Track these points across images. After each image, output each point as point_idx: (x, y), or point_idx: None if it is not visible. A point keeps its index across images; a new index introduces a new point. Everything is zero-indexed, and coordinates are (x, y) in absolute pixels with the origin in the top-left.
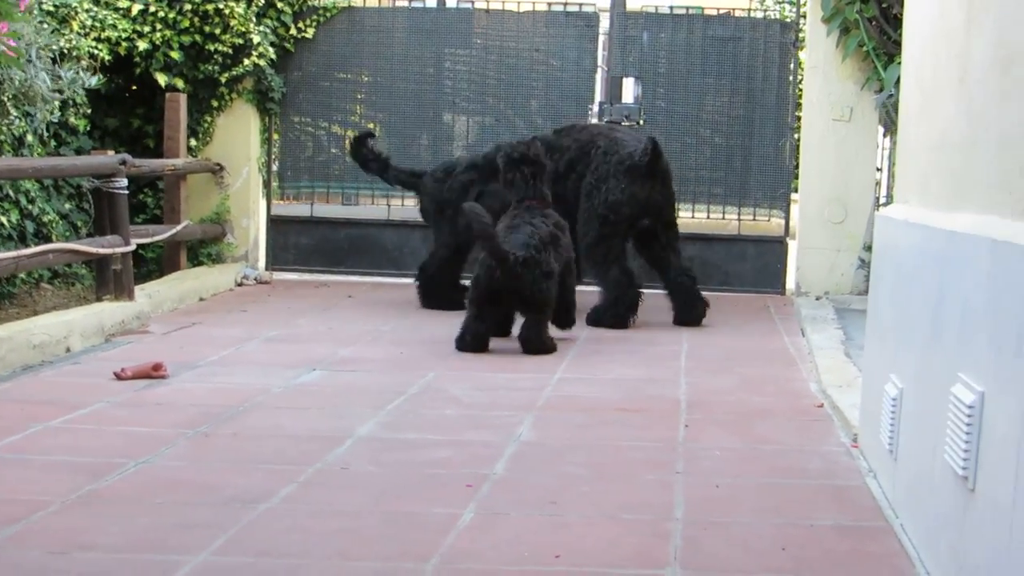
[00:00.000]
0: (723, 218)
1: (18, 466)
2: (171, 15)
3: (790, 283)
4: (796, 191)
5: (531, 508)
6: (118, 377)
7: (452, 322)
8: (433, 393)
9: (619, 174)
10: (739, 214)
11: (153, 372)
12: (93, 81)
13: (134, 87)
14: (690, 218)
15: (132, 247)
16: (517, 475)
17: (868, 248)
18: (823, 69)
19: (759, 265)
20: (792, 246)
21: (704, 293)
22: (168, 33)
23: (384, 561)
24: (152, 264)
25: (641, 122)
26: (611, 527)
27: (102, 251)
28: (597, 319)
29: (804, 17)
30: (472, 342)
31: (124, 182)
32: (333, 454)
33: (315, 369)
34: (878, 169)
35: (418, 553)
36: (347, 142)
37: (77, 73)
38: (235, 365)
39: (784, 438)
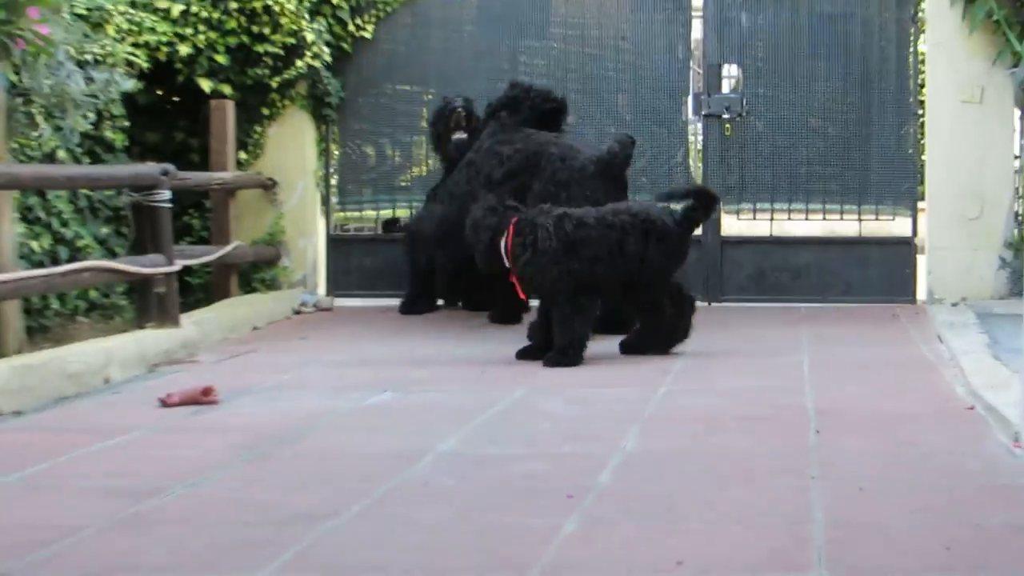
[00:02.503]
0: (841, 219)
1: (51, 492)
2: (215, 15)
3: (921, 290)
4: (923, 185)
5: (644, 516)
6: (163, 403)
7: None
8: (522, 409)
9: (585, 179)
10: (859, 214)
11: (203, 397)
12: (129, 85)
13: (176, 98)
14: (803, 219)
15: (177, 267)
16: (625, 484)
17: (1009, 246)
18: (947, 45)
19: (884, 271)
20: (922, 248)
21: (821, 306)
22: (212, 35)
23: (476, 572)
24: (199, 292)
25: (743, 113)
26: (740, 531)
27: (144, 271)
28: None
29: None
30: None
31: (167, 194)
32: (411, 470)
33: (386, 390)
34: (1016, 156)
35: (516, 563)
36: (414, 149)
37: (111, 76)
38: (295, 389)
39: (933, 441)
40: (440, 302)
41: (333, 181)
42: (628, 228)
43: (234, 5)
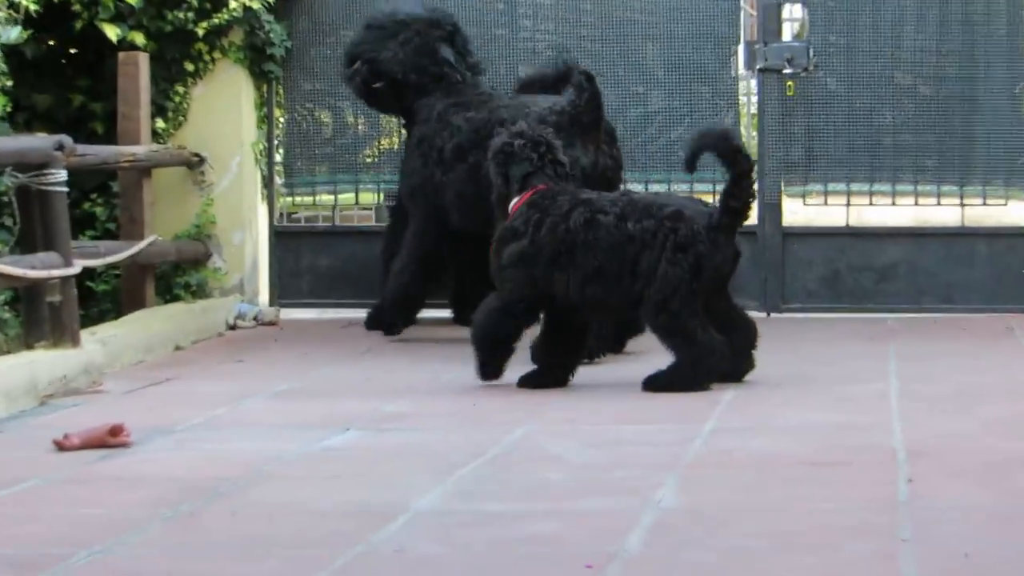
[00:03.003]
0: (937, 203)
1: None
2: None
3: None
4: None
5: None
6: (60, 447)
7: None
8: (525, 453)
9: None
10: (961, 197)
11: (110, 439)
12: (13, 34)
13: (73, 50)
14: (888, 205)
15: (76, 270)
16: (659, 551)
17: None
18: None
19: (995, 271)
20: None
21: (913, 317)
22: None
23: None
24: (106, 301)
25: (810, 67)
26: None
27: (32, 274)
28: None
29: None
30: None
31: (63, 175)
32: (381, 534)
33: (349, 428)
34: None
35: None
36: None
37: None
38: (231, 428)
39: None
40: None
41: (278, 157)
42: (649, 238)
43: None
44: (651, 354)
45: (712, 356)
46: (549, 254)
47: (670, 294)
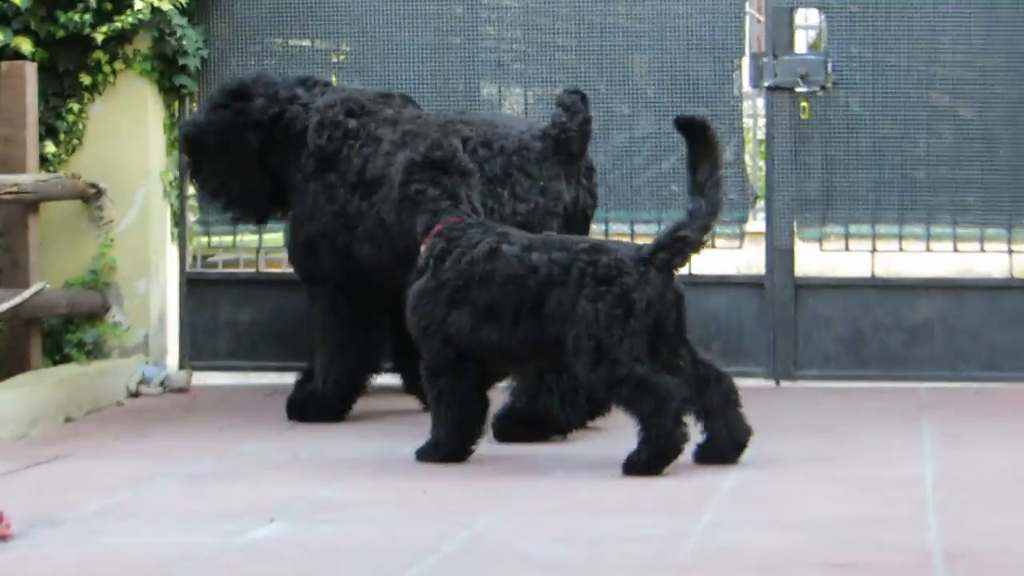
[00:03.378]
0: (981, 250)
1: None
2: None
3: None
4: None
5: None
6: None
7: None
8: (487, 550)
9: (530, 164)
10: (1009, 242)
11: None
12: None
13: None
14: (922, 251)
15: None
16: None
17: None
18: None
19: None
20: None
21: (951, 387)
22: None
23: None
24: None
25: (828, 85)
26: None
27: None
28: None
29: None
30: None
31: None
32: None
33: (274, 519)
34: None
35: None
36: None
37: None
38: (133, 517)
39: None
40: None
41: (191, 188)
42: (559, 272)
43: None
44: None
45: (671, 400)
46: (448, 290)
47: (603, 338)
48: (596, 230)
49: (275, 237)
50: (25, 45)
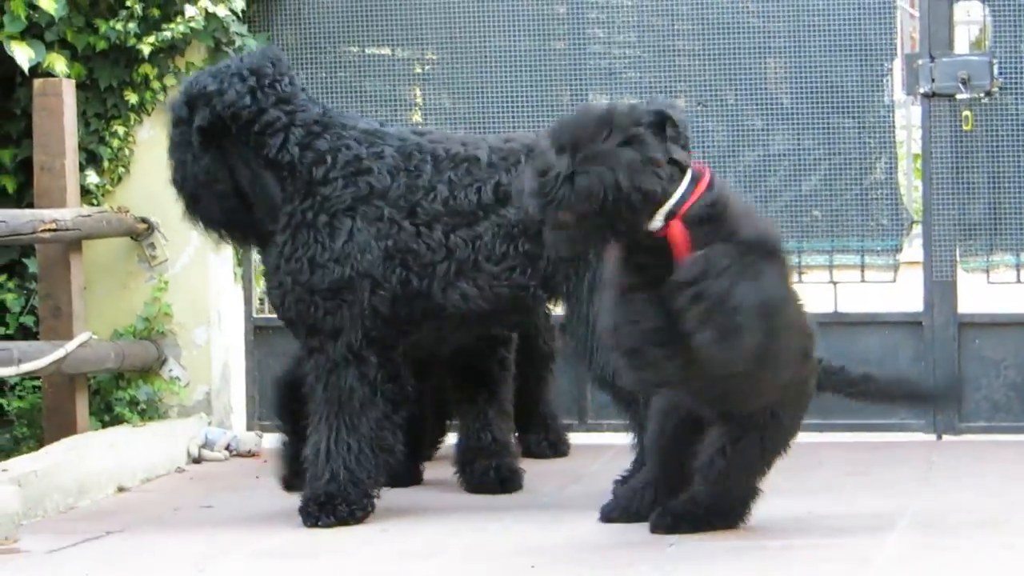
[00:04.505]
0: None
1: None
2: None
3: None
4: None
5: None
6: None
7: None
8: None
9: None
10: None
11: None
12: None
13: None
14: None
15: None
16: None
17: None
18: None
19: None
20: None
21: None
22: None
23: None
24: (22, 424)
25: (994, 90)
26: None
27: None
28: None
29: None
30: None
31: None
32: None
33: None
34: None
35: None
36: None
37: None
38: None
39: None
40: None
41: None
42: None
43: None
44: None
45: None
46: None
47: None
48: None
49: None
50: (59, 64)
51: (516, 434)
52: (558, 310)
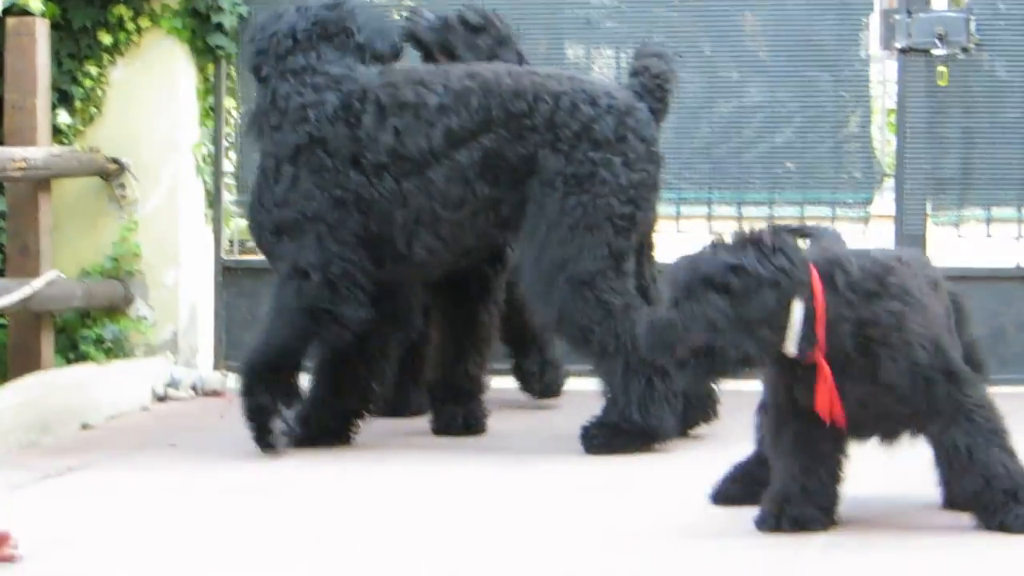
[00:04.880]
0: None
1: None
2: None
3: None
4: None
5: None
6: None
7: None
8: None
9: (642, 125)
10: None
11: None
12: None
13: None
14: None
15: None
16: None
17: None
18: None
19: None
20: None
21: None
22: None
23: None
24: None
25: (972, 46)
26: None
27: None
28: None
29: None
30: None
31: None
32: None
33: (320, 540)
34: None
35: None
36: None
37: None
38: (159, 539)
39: None
40: None
41: (228, 164)
42: None
43: None
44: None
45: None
46: None
47: None
48: (698, 212)
49: None
50: (34, 2)
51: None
52: None
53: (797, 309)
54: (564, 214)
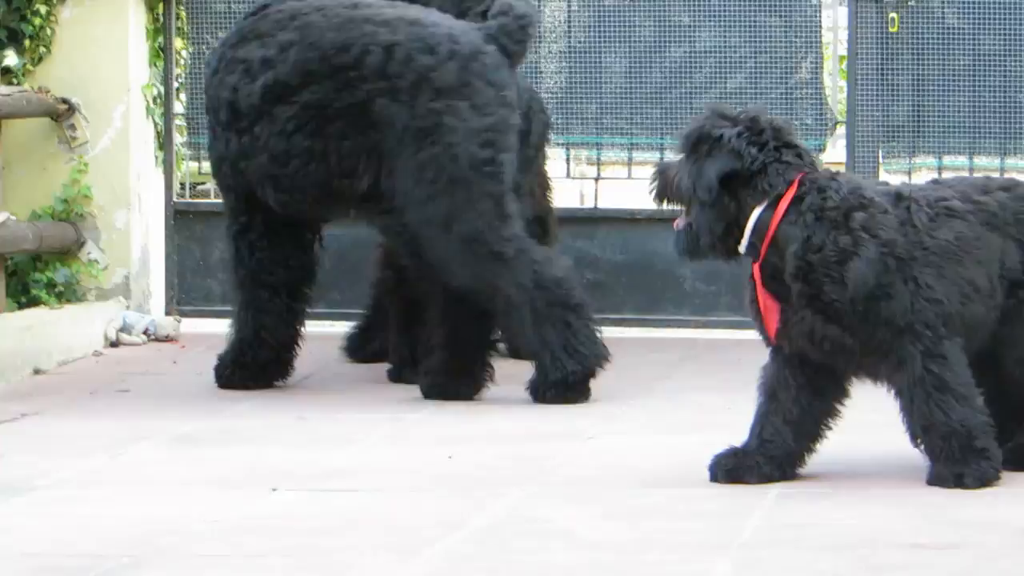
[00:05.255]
0: None
1: None
2: None
3: None
4: None
5: None
6: None
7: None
8: (520, 525)
9: (489, 69)
10: None
11: None
12: None
13: None
14: None
15: None
16: None
17: None
18: None
19: None
20: None
21: None
22: None
23: None
24: None
25: None
26: None
27: None
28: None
29: None
30: None
31: None
32: None
33: (276, 488)
34: None
35: None
36: None
37: None
38: (111, 485)
39: None
40: None
41: (179, 106)
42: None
43: None
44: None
45: None
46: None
47: None
48: (649, 158)
49: None
50: None
51: None
52: None
53: (754, 214)
54: (423, 169)
